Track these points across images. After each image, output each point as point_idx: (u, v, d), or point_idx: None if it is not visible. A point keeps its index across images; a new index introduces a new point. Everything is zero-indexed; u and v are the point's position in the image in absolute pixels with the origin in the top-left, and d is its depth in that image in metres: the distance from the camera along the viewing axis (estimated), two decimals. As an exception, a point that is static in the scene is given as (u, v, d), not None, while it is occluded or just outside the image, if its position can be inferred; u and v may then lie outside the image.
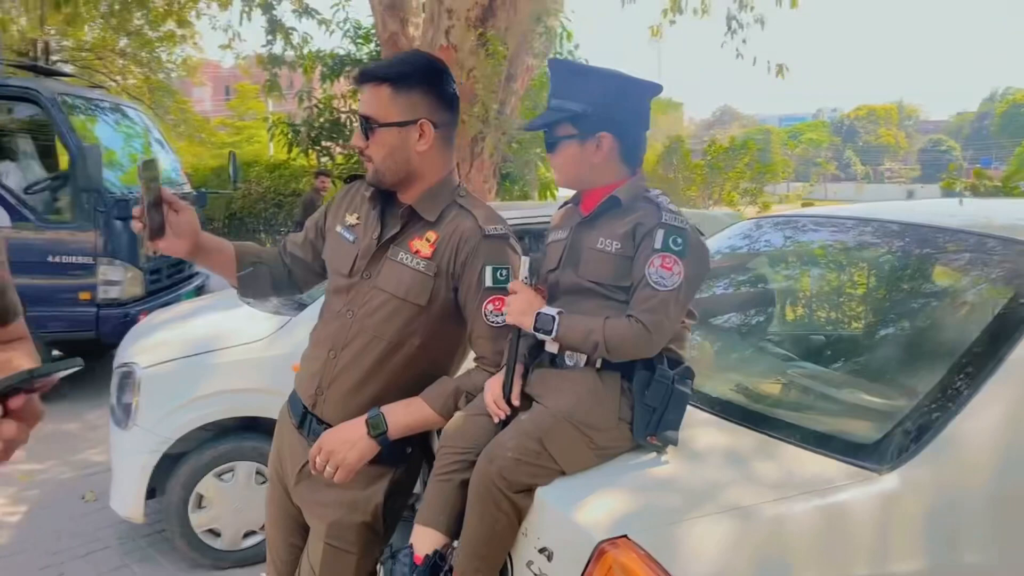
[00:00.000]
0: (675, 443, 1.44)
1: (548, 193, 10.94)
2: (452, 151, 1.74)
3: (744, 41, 8.79)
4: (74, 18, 14.38)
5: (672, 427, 1.44)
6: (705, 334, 2.14)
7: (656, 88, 1.61)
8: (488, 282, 1.64)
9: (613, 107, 1.59)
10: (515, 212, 4.12)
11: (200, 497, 3.22)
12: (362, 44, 10.13)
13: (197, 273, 7.20)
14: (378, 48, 8.75)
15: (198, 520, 3.23)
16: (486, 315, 1.65)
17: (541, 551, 1.34)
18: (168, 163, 7.27)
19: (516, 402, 1.53)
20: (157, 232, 1.57)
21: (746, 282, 2.31)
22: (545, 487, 1.41)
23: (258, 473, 3.25)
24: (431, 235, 1.68)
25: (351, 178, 1.90)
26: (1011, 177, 6.66)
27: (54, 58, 14.65)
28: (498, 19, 7.26)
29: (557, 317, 1.49)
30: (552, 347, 1.53)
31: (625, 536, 1.22)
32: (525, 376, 1.58)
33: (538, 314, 1.51)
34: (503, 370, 1.58)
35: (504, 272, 1.65)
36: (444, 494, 1.51)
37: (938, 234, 1.87)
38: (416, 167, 1.66)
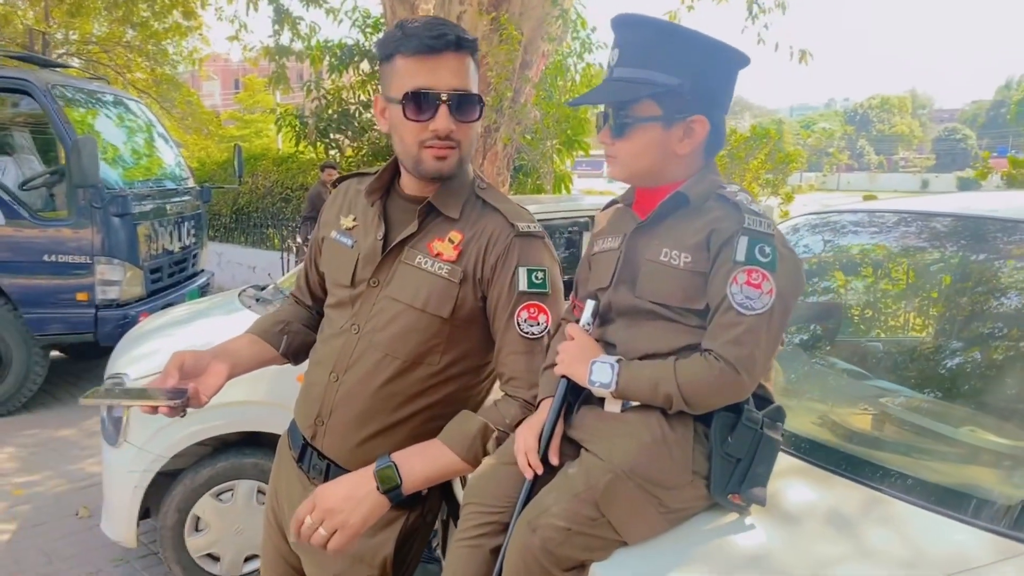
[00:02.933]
0: (763, 503, 1.14)
1: (563, 186, 10.62)
2: None
3: (766, 27, 8.45)
4: (78, 9, 14.16)
5: (760, 483, 1.14)
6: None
7: (746, 59, 1.29)
8: (522, 286, 1.39)
9: (711, 81, 1.28)
10: (534, 207, 3.85)
11: (197, 519, 2.95)
12: (371, 33, 9.83)
13: (202, 271, 6.94)
14: (387, 36, 8.45)
15: (195, 544, 2.96)
16: (519, 324, 1.39)
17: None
18: (171, 158, 7.00)
19: (555, 460, 1.23)
20: (181, 409, 1.41)
21: (817, 289, 1.99)
22: (602, 563, 1.12)
23: (260, 492, 2.99)
24: (455, 235, 1.42)
25: (340, 179, 1.66)
26: None
27: (60, 51, 14.45)
28: (512, 3, 6.94)
29: (616, 367, 1.20)
30: (614, 405, 1.24)
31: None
32: (567, 416, 1.28)
33: (593, 364, 1.22)
34: (538, 411, 1.29)
35: (541, 275, 1.40)
36: (470, 565, 1.22)
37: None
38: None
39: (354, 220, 1.52)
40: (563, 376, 1.25)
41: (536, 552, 1.11)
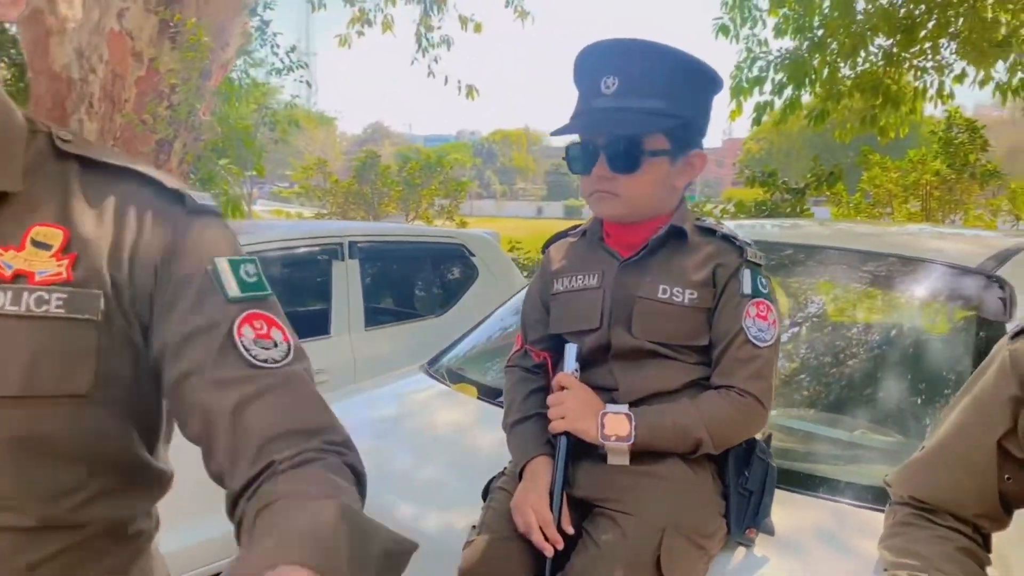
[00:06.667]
0: (773, 533, 1.14)
1: (235, 211, 9.78)
2: None
3: (436, 60, 8.83)
4: None
5: (767, 513, 1.14)
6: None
7: (721, 83, 1.28)
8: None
9: (708, 113, 1.23)
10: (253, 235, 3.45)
11: None
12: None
13: None
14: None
15: None
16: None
17: None
18: None
19: (570, 529, 1.09)
20: None
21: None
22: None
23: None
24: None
25: None
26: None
27: None
28: (184, 5, 6.21)
29: (634, 419, 1.10)
30: (620, 457, 1.12)
31: None
32: (565, 477, 1.13)
33: (603, 416, 1.10)
34: (530, 477, 1.13)
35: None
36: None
37: (853, 256, 1.87)
38: None
39: None
40: (564, 432, 1.11)
41: (606, 637, 0.96)
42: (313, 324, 3.32)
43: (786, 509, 1.22)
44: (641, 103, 1.16)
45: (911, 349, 1.76)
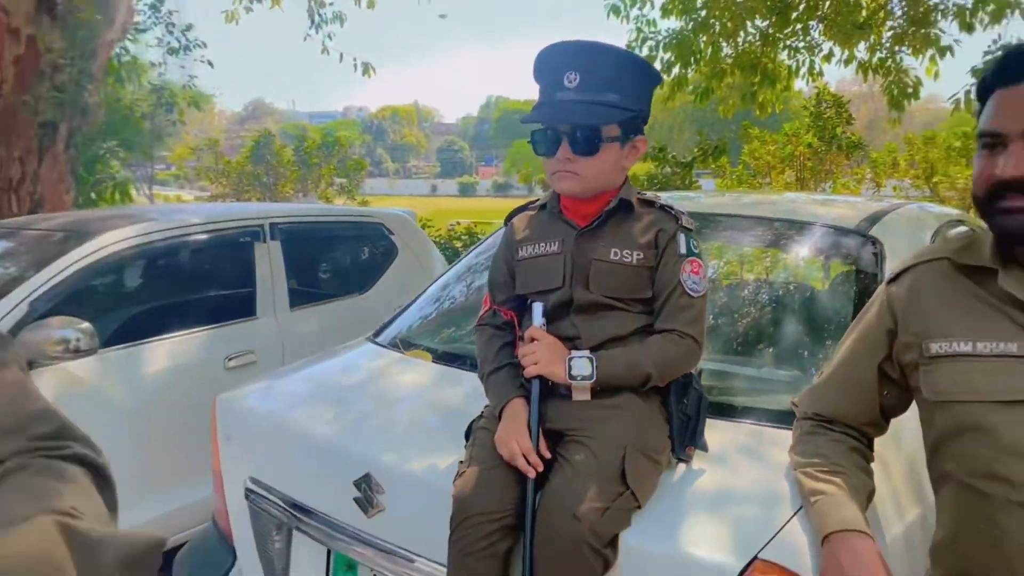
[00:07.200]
0: (707, 450, 1.39)
1: (124, 196, 9.36)
2: None
3: (330, 37, 8.71)
4: None
5: (702, 434, 1.39)
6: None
7: (660, 78, 1.50)
8: None
9: (649, 105, 1.45)
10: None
11: None
12: None
13: None
14: None
15: None
16: None
17: (643, 603, 1.17)
18: None
19: (548, 454, 1.31)
20: None
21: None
22: (630, 530, 1.23)
23: None
24: None
25: None
26: None
27: None
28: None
29: (594, 359, 1.33)
30: (584, 394, 1.34)
31: (757, 558, 1.14)
32: (539, 413, 1.35)
33: (570, 360, 1.33)
34: (509, 417, 1.33)
35: None
36: (491, 573, 1.20)
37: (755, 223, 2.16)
38: None
39: None
40: (537, 376, 1.32)
41: (586, 537, 1.17)
42: (239, 306, 3.35)
43: (714, 433, 1.47)
44: (600, 97, 1.37)
45: (802, 300, 2.07)
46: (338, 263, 4.31)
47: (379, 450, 1.55)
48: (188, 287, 3.46)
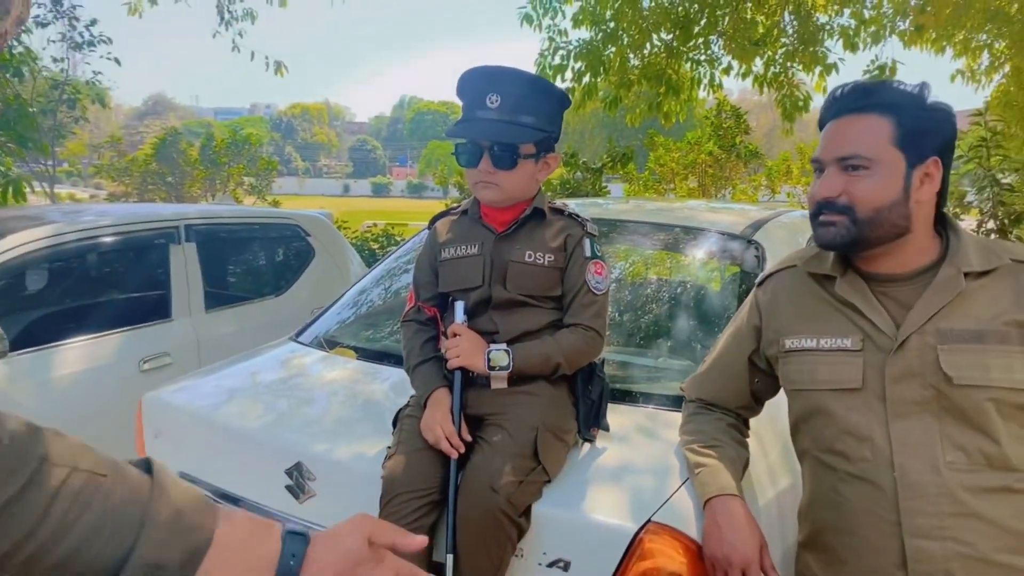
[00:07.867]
0: (608, 429, 1.57)
1: (17, 195, 8.86)
2: None
3: (240, 35, 8.57)
4: None
5: (604, 416, 1.57)
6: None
7: (570, 102, 1.66)
8: None
9: (560, 125, 1.60)
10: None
11: None
12: None
13: None
14: None
15: None
16: None
17: (553, 564, 1.33)
18: None
19: (469, 437, 1.46)
20: None
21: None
22: (540, 502, 1.39)
23: None
24: None
25: None
26: None
27: None
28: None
29: (511, 351, 1.48)
30: (502, 383, 1.50)
31: (651, 521, 1.32)
32: (461, 400, 1.50)
33: (489, 353, 1.48)
34: (434, 405, 1.48)
35: None
36: (417, 545, 1.34)
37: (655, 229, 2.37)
38: None
39: None
40: (459, 368, 1.47)
41: (503, 507, 1.32)
42: (154, 308, 3.33)
43: (616, 415, 1.65)
44: (518, 118, 1.54)
45: (695, 297, 2.30)
46: (254, 265, 4.31)
47: (309, 440, 1.65)
48: (102, 289, 3.42)
